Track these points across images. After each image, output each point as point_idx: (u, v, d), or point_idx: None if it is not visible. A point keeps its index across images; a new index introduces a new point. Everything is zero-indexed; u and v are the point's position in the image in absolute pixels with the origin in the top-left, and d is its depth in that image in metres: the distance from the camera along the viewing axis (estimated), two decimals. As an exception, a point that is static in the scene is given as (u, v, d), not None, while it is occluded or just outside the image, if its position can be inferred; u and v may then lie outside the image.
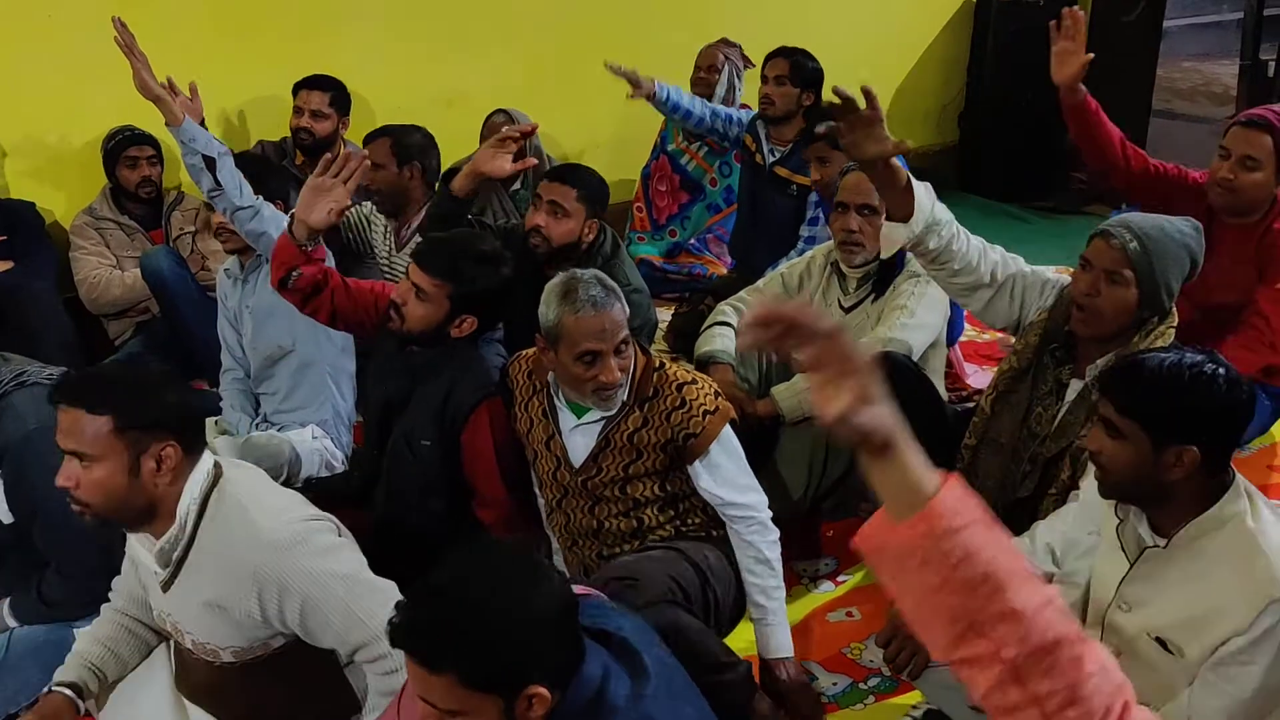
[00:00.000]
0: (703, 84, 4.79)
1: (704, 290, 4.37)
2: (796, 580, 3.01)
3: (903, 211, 2.48)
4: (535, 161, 3.54)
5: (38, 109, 4.15)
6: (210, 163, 3.01)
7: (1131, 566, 2.01)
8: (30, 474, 2.42)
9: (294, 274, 2.71)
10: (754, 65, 4.81)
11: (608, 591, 2.24)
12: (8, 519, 2.53)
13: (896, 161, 2.43)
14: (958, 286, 2.68)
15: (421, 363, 2.71)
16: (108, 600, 2.47)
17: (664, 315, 4.21)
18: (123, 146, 4.06)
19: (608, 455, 2.51)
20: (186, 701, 2.22)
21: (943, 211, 2.55)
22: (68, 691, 2.17)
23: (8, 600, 2.59)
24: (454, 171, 3.25)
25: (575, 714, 1.61)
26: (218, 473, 2.05)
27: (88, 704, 2.23)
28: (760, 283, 3.49)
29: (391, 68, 4.76)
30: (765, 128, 4.36)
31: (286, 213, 3.25)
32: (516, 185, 4.45)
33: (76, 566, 2.51)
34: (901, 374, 2.86)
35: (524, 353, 2.67)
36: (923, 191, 2.48)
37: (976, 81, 6.22)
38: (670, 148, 4.96)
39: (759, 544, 2.51)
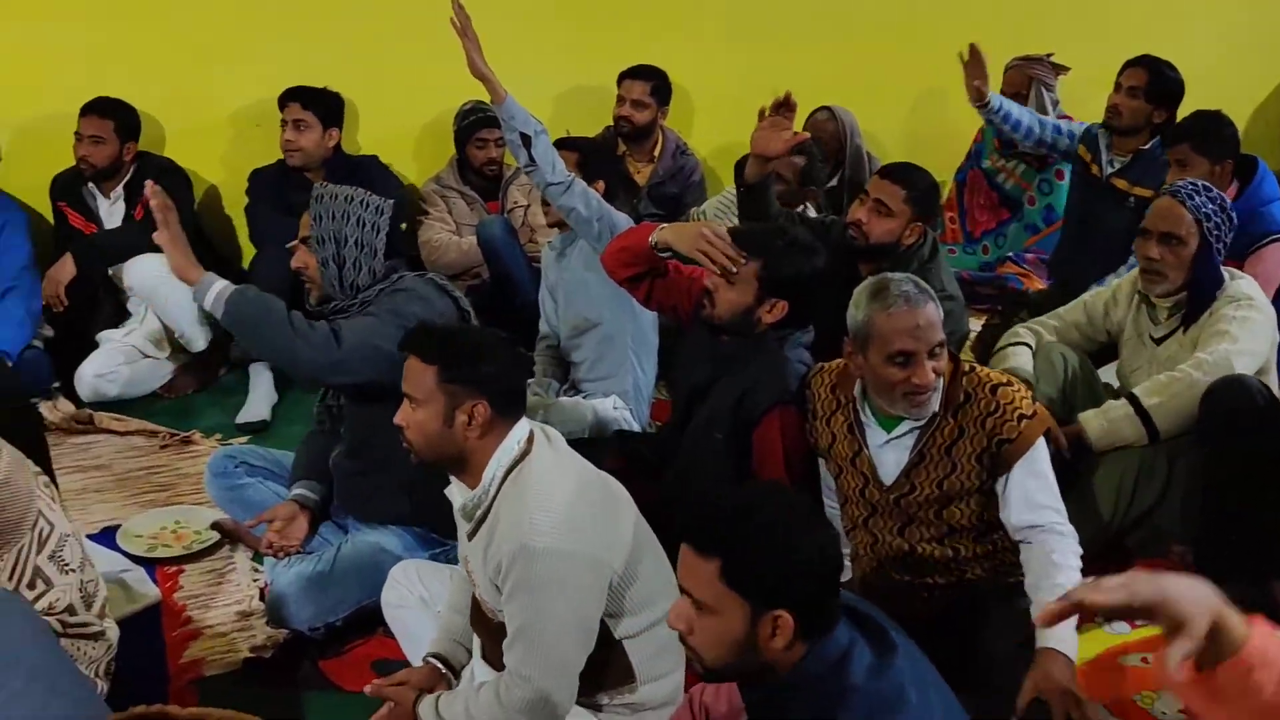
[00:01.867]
0: None
1: (1019, 304, 4.19)
2: (1091, 616, 2.84)
3: None
4: (808, 135, 3.53)
5: (394, 80, 4.54)
6: (526, 139, 3.22)
7: None
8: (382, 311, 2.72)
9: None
10: (1066, 71, 4.56)
11: None
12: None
13: None
14: None
15: (728, 354, 2.74)
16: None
17: (973, 325, 4.08)
18: (475, 128, 4.36)
19: (921, 470, 2.42)
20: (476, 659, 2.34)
21: None
22: (436, 662, 2.32)
23: (219, 285, 2.70)
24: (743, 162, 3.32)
25: (817, 675, 1.64)
26: (527, 448, 2.15)
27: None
28: (1062, 310, 3.31)
29: (716, 60, 4.85)
30: (1108, 136, 4.12)
31: (604, 195, 3.43)
32: (833, 182, 4.44)
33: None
34: (1249, 398, 2.68)
35: (827, 365, 2.62)
36: None
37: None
38: (985, 165, 4.79)
39: (1058, 546, 2.33)
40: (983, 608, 2.43)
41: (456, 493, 2.22)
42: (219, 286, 2.70)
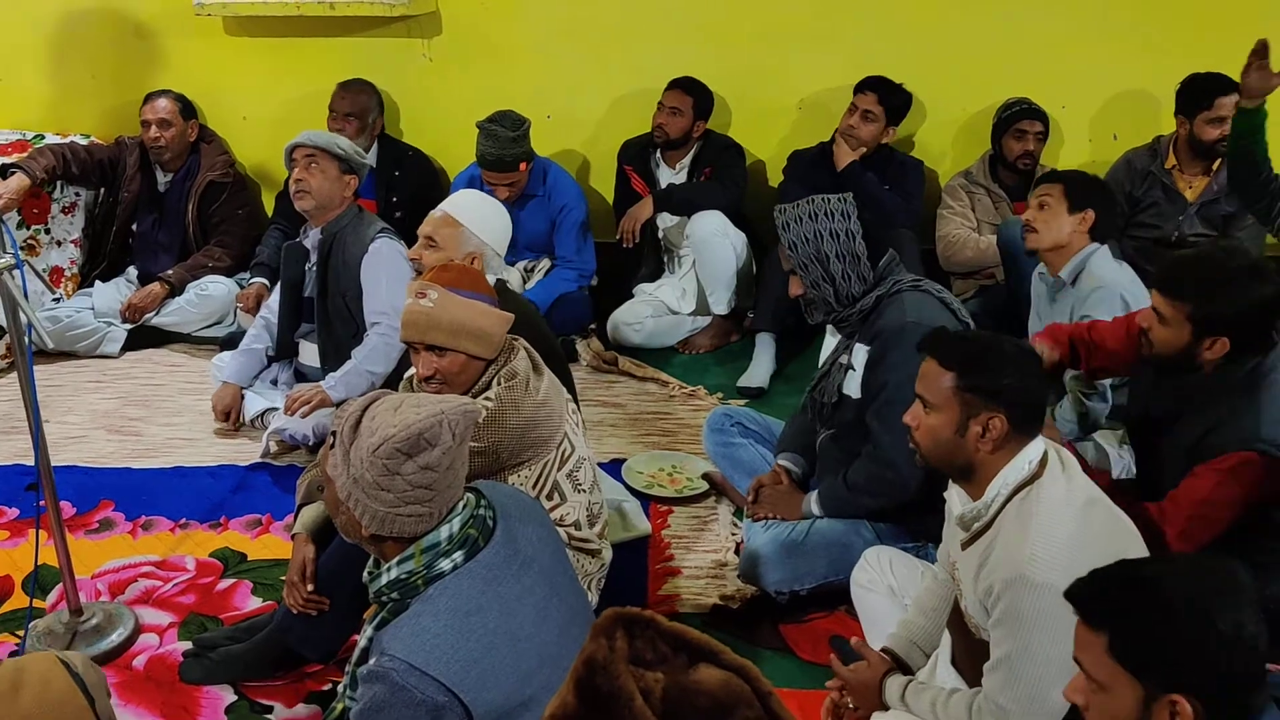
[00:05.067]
0: None
1: None
2: None
3: None
4: None
5: (946, 73, 4.54)
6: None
7: None
8: (891, 355, 2.75)
9: None
10: None
11: None
12: (856, 395, 2.87)
13: None
14: None
15: (1193, 388, 2.50)
16: (896, 500, 2.74)
17: None
18: (1015, 119, 4.25)
19: None
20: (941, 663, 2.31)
21: None
22: (888, 658, 2.32)
23: (817, 491, 2.95)
24: None
25: None
26: (1039, 470, 2.06)
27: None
28: None
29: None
30: None
31: (1094, 225, 3.27)
32: None
33: (888, 451, 2.75)
34: None
35: None
36: None
37: None
38: None
39: None
40: None
41: (956, 500, 2.18)
42: (813, 501, 2.92)
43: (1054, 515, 2.00)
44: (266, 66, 4.86)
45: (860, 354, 2.86)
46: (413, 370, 2.62)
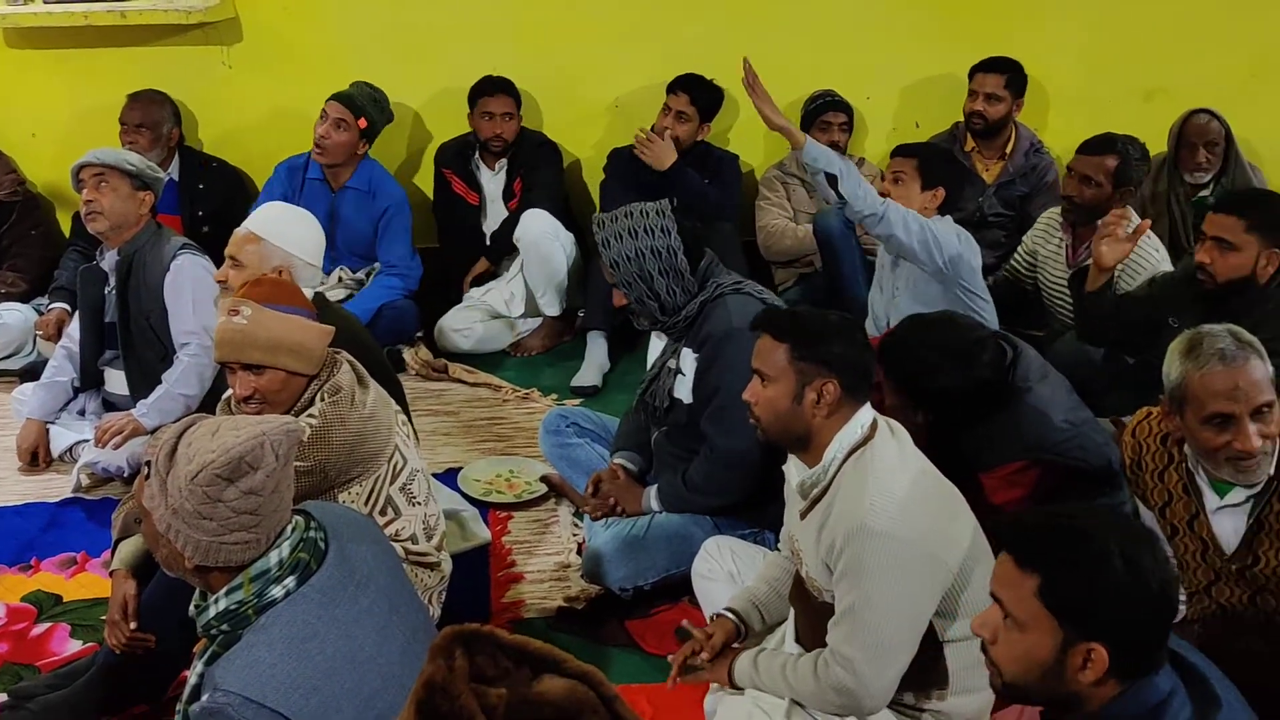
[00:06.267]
0: None
1: None
2: None
3: None
4: (1148, 225, 3.29)
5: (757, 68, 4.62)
6: (831, 179, 3.19)
7: None
8: (720, 360, 2.81)
9: None
10: None
11: None
12: (688, 399, 2.91)
13: None
14: None
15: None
16: (735, 498, 2.78)
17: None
18: (820, 111, 4.38)
19: (1262, 541, 2.21)
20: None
21: None
22: (731, 616, 2.39)
23: (656, 486, 2.98)
24: None
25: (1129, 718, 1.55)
26: (870, 434, 2.18)
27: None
28: None
29: (1076, 53, 4.60)
30: None
31: (944, 201, 3.39)
32: (1206, 192, 4.11)
33: (725, 453, 2.82)
34: None
35: (1154, 411, 2.40)
36: None
37: None
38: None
39: None
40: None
41: (794, 470, 2.26)
42: (652, 496, 2.96)
43: (890, 471, 2.11)
44: (55, 80, 4.61)
45: (688, 359, 2.89)
46: (230, 391, 2.52)
